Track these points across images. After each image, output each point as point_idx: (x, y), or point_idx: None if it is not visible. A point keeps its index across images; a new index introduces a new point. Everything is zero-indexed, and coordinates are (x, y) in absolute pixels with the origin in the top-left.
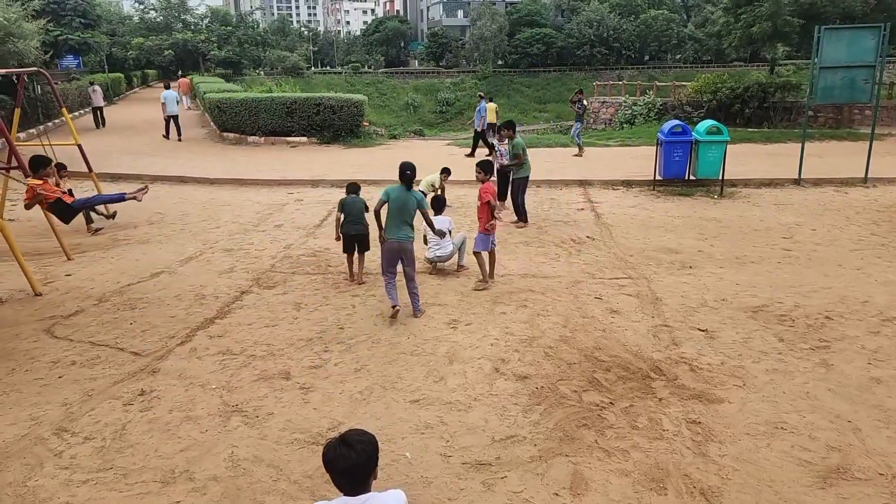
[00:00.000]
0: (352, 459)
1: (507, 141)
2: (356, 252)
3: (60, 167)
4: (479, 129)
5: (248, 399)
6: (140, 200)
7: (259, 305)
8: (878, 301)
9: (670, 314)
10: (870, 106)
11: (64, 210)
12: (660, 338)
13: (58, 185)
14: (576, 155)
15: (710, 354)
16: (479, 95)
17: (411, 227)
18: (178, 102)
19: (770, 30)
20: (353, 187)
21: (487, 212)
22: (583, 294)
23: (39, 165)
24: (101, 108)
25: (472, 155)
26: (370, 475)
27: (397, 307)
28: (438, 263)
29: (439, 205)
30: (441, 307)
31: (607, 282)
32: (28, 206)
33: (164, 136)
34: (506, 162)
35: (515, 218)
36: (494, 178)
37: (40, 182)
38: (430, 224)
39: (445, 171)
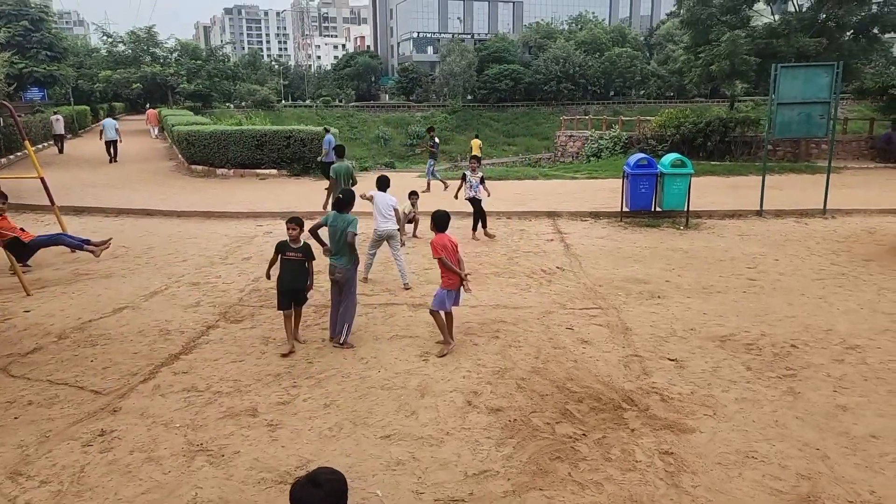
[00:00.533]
0: (319, 497)
1: (479, 172)
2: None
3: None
4: (324, 161)
5: (214, 437)
6: (98, 257)
7: (226, 340)
8: (841, 329)
9: (640, 344)
10: (826, 140)
11: (20, 248)
12: (631, 368)
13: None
14: (446, 189)
15: (681, 384)
16: (325, 129)
17: (348, 254)
18: (116, 130)
19: (728, 68)
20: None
21: (443, 268)
22: (554, 325)
23: None
24: (62, 137)
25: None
26: None
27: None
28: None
29: (384, 183)
30: (412, 339)
31: (578, 312)
32: None
33: (111, 161)
34: (472, 193)
35: (475, 236)
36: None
37: None
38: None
39: (414, 194)
